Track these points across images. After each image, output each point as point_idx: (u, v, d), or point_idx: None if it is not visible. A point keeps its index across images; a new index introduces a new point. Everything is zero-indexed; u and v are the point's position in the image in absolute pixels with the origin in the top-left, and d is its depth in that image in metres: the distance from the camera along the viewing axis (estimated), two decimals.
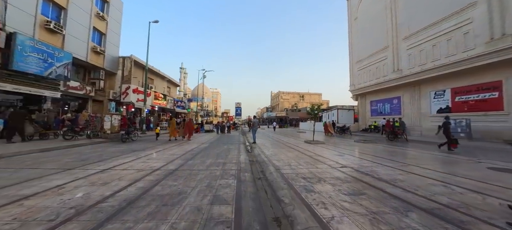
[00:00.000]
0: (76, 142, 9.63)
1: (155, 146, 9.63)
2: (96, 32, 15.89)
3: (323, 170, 4.96)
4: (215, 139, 14.35)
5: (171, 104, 26.98)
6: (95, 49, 15.36)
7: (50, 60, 11.54)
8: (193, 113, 41.18)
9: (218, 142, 12.22)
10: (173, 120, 13.59)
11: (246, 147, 10.17)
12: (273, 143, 12.22)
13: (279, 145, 11.13)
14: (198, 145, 10.40)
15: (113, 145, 9.92)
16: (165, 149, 8.69)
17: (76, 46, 13.72)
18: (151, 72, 23.36)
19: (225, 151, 8.40)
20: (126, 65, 18.42)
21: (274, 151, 8.57)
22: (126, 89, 17.79)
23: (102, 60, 16.33)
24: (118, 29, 18.26)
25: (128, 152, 7.85)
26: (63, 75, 12.43)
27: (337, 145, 11.43)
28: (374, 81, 22.39)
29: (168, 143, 11.28)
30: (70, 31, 13.31)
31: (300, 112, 58.37)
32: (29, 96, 11.81)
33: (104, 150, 8.24)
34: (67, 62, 12.61)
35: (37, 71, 10.92)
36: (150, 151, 8.17)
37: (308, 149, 9.08)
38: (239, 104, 38.98)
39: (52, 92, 12.32)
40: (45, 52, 11.28)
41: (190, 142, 11.82)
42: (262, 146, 10.58)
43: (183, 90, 51.68)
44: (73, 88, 14.12)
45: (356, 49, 26.10)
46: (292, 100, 71.18)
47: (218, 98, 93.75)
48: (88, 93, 15.43)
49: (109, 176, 4.26)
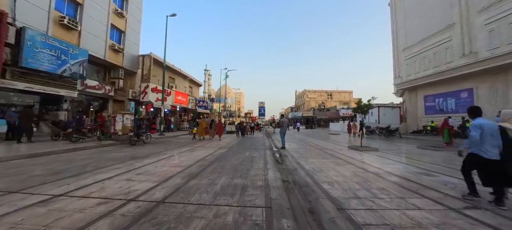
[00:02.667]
0: (80, 144, 8.52)
1: (163, 151, 7.94)
2: (115, 30, 15.39)
3: (436, 214, 2.33)
4: (236, 143, 12.32)
5: (192, 104, 26.15)
6: (113, 47, 14.81)
7: (63, 57, 10.94)
8: (216, 114, 40.45)
9: (239, 147, 10.11)
10: (202, 120, 14.64)
11: (273, 154, 7.82)
12: (306, 148, 9.61)
13: (315, 151, 8.50)
14: (214, 150, 8.41)
15: (119, 148, 8.57)
16: (171, 156, 6.87)
17: (93, 44, 13.17)
18: (172, 71, 22.71)
19: (247, 161, 6.18)
20: (146, 64, 17.77)
21: (315, 163, 6.04)
22: (145, 88, 17.08)
23: (121, 58, 15.78)
24: (138, 27, 17.72)
25: (127, 159, 6.24)
26: (78, 74, 11.83)
27: (398, 152, 8.31)
28: (431, 70, 17.93)
29: (181, 146, 9.59)
30: (87, 28, 12.77)
31: (328, 112, 53.63)
32: (48, 96, 11.42)
33: (102, 156, 6.79)
34: (82, 59, 12.00)
35: (50, 68, 10.33)
36: (153, 158, 6.42)
37: (364, 160, 6.32)
38: (262, 104, 36.84)
39: (68, 92, 11.79)
40: (58, 48, 10.68)
41: (207, 146, 9.98)
42: (294, 152, 8.11)
43: (207, 92, 51.85)
44: (91, 88, 13.64)
45: (402, 34, 21.62)
46: (319, 99, 66.34)
47: (241, 99, 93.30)
48: (107, 92, 14.94)
49: (45, 215, 2.36)
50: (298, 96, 79.10)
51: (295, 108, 77.05)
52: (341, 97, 67.73)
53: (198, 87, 32.50)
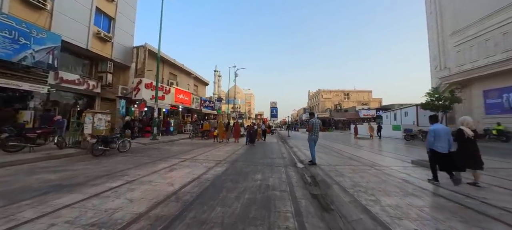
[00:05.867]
0: (16, 157, 5.88)
1: (123, 171, 5.02)
2: (102, 15, 13.07)
3: None
4: (243, 152, 9.25)
5: (197, 104, 23.55)
6: (99, 35, 12.45)
7: (23, 41, 8.58)
8: (225, 115, 37.79)
9: (247, 161, 7.01)
10: (221, 122, 15.78)
11: (302, 177, 4.61)
12: (345, 162, 6.23)
13: (367, 170, 5.10)
14: (205, 169, 5.33)
15: (66, 163, 5.81)
16: (118, 187, 3.86)
17: (70, 29, 10.84)
18: (173, 67, 20.25)
19: (260, 204, 3.00)
20: (140, 56, 15.35)
21: (401, 208, 2.67)
22: (138, 84, 14.61)
23: (109, 49, 13.43)
24: (132, 14, 15.40)
25: (55, 188, 3.39)
26: (46, 63, 9.46)
27: None
28: (498, 56, 13.70)
29: (162, 160, 6.66)
30: (61, 9, 10.45)
31: (347, 112, 49.11)
32: (11, 91, 9.12)
33: (27, 179, 4.00)
34: (52, 46, 9.63)
35: (1, 54, 7.94)
36: (80, 192, 3.46)
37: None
38: (274, 104, 33.53)
39: (34, 86, 9.45)
40: (15, 29, 8.33)
41: (200, 159, 6.98)
42: (334, 172, 4.83)
43: (217, 93, 49.61)
44: (69, 82, 11.29)
45: (449, 14, 17.43)
46: (334, 99, 61.77)
47: (252, 100, 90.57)
48: (91, 89, 12.57)
49: None
50: (311, 96, 74.81)
51: (308, 109, 72.77)
52: (359, 97, 62.67)
53: (204, 86, 30.00)
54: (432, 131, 4.03)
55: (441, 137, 3.93)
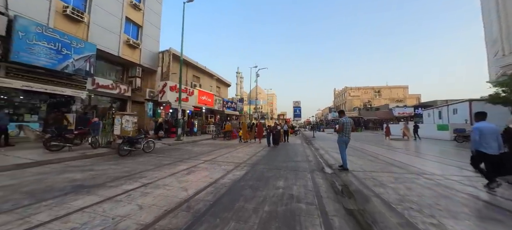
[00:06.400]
0: (57, 155, 6.39)
1: (142, 172, 4.97)
2: (131, 24, 14.01)
3: None
4: (265, 155, 8.77)
5: (219, 105, 23.91)
6: (128, 42, 13.36)
7: (65, 52, 9.53)
8: (247, 116, 37.88)
9: (268, 164, 6.52)
10: (245, 123, 15.81)
11: (332, 185, 3.92)
12: (392, 171, 5.24)
13: (420, 182, 4.10)
14: (223, 173, 4.99)
15: (97, 162, 6.09)
16: (147, 184, 3.72)
17: (104, 38, 11.79)
18: (196, 69, 20.86)
19: (281, 217, 2.48)
20: (165, 60, 16.07)
21: None
22: (163, 87, 15.29)
23: (138, 55, 14.32)
24: (157, 21, 16.23)
25: (76, 188, 3.41)
26: (84, 70, 10.40)
27: None
28: None
29: (183, 160, 6.57)
30: (96, 20, 11.42)
31: (378, 111, 44.93)
32: (57, 97, 10.25)
33: (57, 178, 4.20)
34: (89, 54, 10.55)
35: (48, 64, 8.94)
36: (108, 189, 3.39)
37: None
38: (297, 103, 32.27)
39: (76, 91, 10.46)
40: (59, 41, 9.29)
41: (219, 161, 6.73)
42: (371, 181, 3.98)
43: (239, 95, 50.22)
44: (104, 87, 12.30)
45: None
46: (363, 97, 57.20)
47: (274, 100, 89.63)
48: (123, 93, 13.54)
49: None
50: (337, 95, 70.68)
51: (334, 108, 68.89)
52: (392, 94, 56.94)
53: (226, 87, 30.44)
54: (476, 129, 3.69)
55: (486, 136, 3.57)
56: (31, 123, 9.16)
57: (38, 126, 9.10)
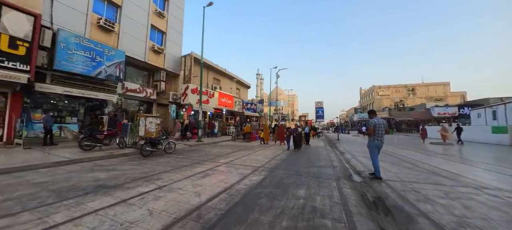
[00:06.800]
0: (89, 154, 6.88)
1: (158, 174, 4.97)
2: (155, 31, 14.84)
3: None
4: (284, 158, 8.33)
5: (239, 106, 24.02)
6: (153, 48, 14.16)
7: (98, 59, 10.41)
8: (267, 117, 37.53)
9: (288, 169, 6.10)
10: (266, 125, 16.61)
11: (363, 198, 3.31)
12: (439, 182, 4.40)
13: (481, 199, 3.26)
14: (239, 177, 4.72)
15: (127, 161, 6.36)
16: (162, 187, 3.65)
17: (132, 45, 12.66)
18: (216, 72, 21.26)
19: None
20: (187, 64, 16.66)
21: None
22: (185, 90, 15.84)
23: (162, 60, 15.09)
24: (180, 27, 16.95)
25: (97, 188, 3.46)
26: (114, 76, 11.24)
27: None
28: None
29: (201, 163, 6.51)
30: (125, 29, 12.31)
31: (413, 111, 40.61)
32: (93, 101, 11.25)
33: (83, 177, 4.43)
34: (119, 61, 11.38)
35: (84, 71, 9.85)
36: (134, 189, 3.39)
37: None
38: (320, 104, 30.81)
39: (108, 95, 11.35)
40: (93, 50, 10.19)
41: (237, 164, 6.51)
42: (421, 200, 3.23)
43: (260, 96, 50.22)
44: (132, 91, 13.18)
45: None
46: (394, 96, 52.36)
47: (295, 101, 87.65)
48: (148, 96, 14.36)
49: None
50: (363, 94, 66.03)
51: (360, 109, 64.50)
52: (429, 92, 50.97)
53: (246, 89, 30.54)
54: None
55: None
56: (71, 124, 10.16)
57: (77, 127, 10.04)
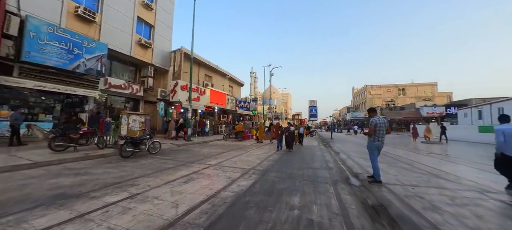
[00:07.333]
0: (59, 156, 6.14)
1: (141, 178, 4.38)
2: (142, 24, 13.98)
3: None
4: (277, 158, 7.88)
5: (232, 105, 23.41)
6: (140, 42, 13.30)
7: (76, 51, 9.54)
8: (260, 116, 37.08)
9: (281, 172, 5.65)
10: (262, 123, 15.83)
11: (365, 207, 2.85)
12: (442, 186, 4.03)
13: (489, 205, 2.93)
14: (225, 185, 4.20)
15: (104, 163, 5.69)
16: (134, 196, 3.06)
17: (116, 38, 11.80)
18: (208, 68, 20.54)
19: None
20: (176, 59, 15.88)
21: None
22: (175, 87, 15.08)
23: (150, 55, 14.26)
24: (170, 20, 16.13)
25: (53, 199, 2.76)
26: (95, 70, 10.39)
27: None
28: None
29: (186, 164, 5.93)
30: (108, 20, 11.43)
31: (403, 111, 41.43)
32: (74, 96, 10.36)
33: (43, 183, 3.76)
34: (100, 54, 10.54)
35: (59, 64, 8.98)
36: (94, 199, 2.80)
37: None
38: (313, 103, 30.69)
39: (88, 91, 10.50)
40: (70, 41, 9.32)
41: (225, 166, 5.99)
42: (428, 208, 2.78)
43: (253, 94, 49.65)
44: (116, 87, 12.32)
45: None
46: (386, 95, 53.35)
47: (289, 100, 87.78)
48: (135, 92, 13.52)
49: None
50: (356, 94, 66.91)
51: (352, 108, 65.37)
52: (419, 92, 52.33)
53: (239, 86, 29.93)
54: (500, 132, 3.68)
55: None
56: (45, 122, 9.27)
57: (52, 125, 9.16)
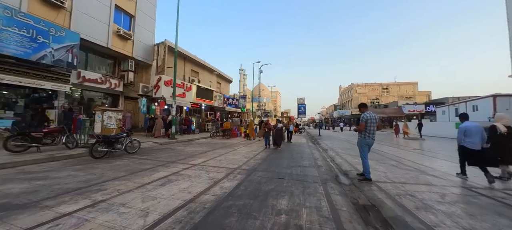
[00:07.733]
0: (16, 158, 5.35)
1: (110, 181, 3.83)
2: (121, 13, 12.94)
3: None
4: (264, 157, 7.58)
5: (220, 102, 22.78)
6: (118, 32, 12.29)
7: (41, 39, 8.51)
8: (249, 113, 36.70)
9: (268, 172, 5.34)
10: (252, 121, 15.95)
11: (361, 215, 2.57)
12: (430, 182, 3.91)
13: (479, 202, 2.82)
14: (206, 187, 3.79)
15: (70, 165, 5.00)
16: (97, 204, 2.54)
17: (90, 27, 10.76)
18: (195, 64, 19.73)
19: None
20: (160, 53, 14.98)
21: None
22: (158, 82, 14.21)
23: (130, 47, 13.27)
24: (152, 11, 15.13)
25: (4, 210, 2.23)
26: (65, 61, 9.37)
27: None
28: None
29: (165, 165, 5.42)
30: (80, 7, 10.36)
31: (387, 108, 43.15)
32: (41, 91, 9.28)
33: None
34: (71, 44, 9.52)
35: (19, 53, 7.93)
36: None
37: None
38: (302, 100, 30.80)
39: (56, 85, 9.47)
40: (33, 27, 8.27)
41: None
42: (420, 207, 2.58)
43: (243, 92, 49.07)
44: (91, 81, 11.28)
45: None
46: (371, 94, 55.26)
47: (278, 98, 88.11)
48: (113, 87, 12.52)
49: None
50: (342, 92, 68.74)
51: (339, 106, 67.11)
52: (401, 91, 54.89)
53: (228, 83, 29.26)
54: (462, 128, 4.20)
55: (472, 134, 4.05)
56: (5, 119, 8.20)
57: (12, 122, 8.12)
